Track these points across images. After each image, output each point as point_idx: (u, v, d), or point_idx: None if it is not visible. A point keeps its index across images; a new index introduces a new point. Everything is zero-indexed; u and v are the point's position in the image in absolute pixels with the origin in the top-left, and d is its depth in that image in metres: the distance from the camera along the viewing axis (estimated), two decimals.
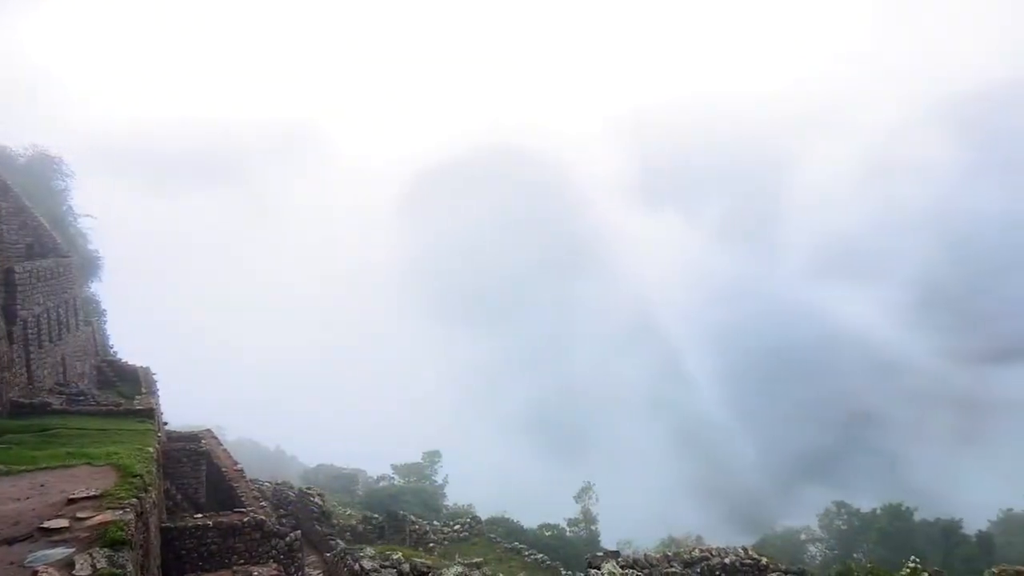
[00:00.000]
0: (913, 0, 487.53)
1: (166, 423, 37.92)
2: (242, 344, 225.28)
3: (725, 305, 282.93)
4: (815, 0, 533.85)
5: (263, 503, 31.70)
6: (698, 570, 30.45)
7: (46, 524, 13.31)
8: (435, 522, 55.24)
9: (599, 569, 28.29)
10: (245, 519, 25.68)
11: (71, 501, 14.97)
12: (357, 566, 30.17)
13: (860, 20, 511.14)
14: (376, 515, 52.22)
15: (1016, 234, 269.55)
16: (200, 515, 26.35)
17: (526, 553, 50.88)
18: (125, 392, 40.15)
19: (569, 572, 45.25)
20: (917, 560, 29.69)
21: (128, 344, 61.13)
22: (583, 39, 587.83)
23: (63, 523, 13.36)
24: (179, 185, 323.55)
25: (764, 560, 32.28)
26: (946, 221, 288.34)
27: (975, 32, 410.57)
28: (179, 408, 65.09)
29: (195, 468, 33.33)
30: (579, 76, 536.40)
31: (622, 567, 28.79)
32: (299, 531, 28.29)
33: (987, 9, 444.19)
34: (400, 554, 31.50)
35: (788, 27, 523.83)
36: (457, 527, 53.33)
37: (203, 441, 37.23)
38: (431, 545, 48.98)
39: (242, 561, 24.47)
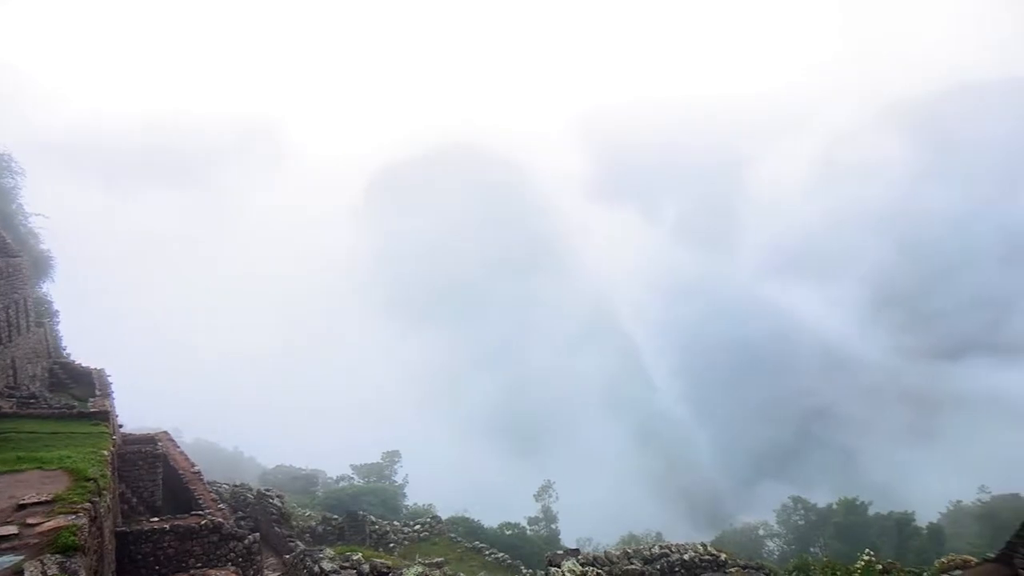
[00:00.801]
0: (868, 8, 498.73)
1: (121, 425, 37.26)
2: (200, 345, 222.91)
3: (683, 303, 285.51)
4: (773, 6, 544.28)
5: (221, 505, 31.32)
6: (658, 567, 30.62)
7: None
8: (395, 522, 54.97)
9: (559, 567, 28.34)
10: (203, 522, 25.35)
11: (21, 507, 14.66)
12: (317, 567, 29.94)
13: (815, 26, 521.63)
14: (336, 516, 51.82)
15: (965, 234, 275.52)
16: (156, 518, 25.95)
17: (487, 552, 50.89)
18: (78, 394, 39.49)
19: (529, 571, 45.22)
20: (872, 553, 30.06)
21: (82, 345, 60.07)
22: (544, 39, 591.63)
23: (12, 530, 13.08)
24: (136, 183, 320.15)
25: (723, 556, 32.57)
26: (899, 221, 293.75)
27: (927, 39, 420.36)
28: (135, 410, 64.13)
29: (151, 471, 32.76)
30: (539, 76, 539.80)
31: (582, 565, 28.86)
32: (258, 533, 27.98)
33: (940, 18, 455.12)
34: (360, 555, 31.28)
35: (745, 32, 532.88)
36: (417, 527, 53.13)
37: (159, 443, 36.66)
38: (391, 545, 48.75)
39: (200, 564, 24.20)
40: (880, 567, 28.45)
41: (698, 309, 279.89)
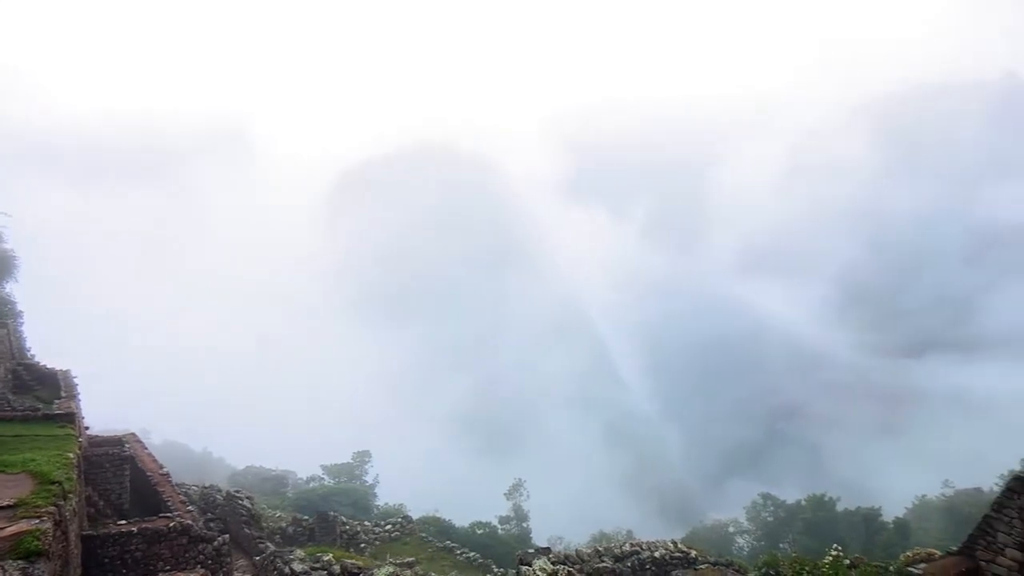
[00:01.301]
0: (837, 12, 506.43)
1: (87, 427, 36.79)
2: (169, 346, 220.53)
3: (653, 302, 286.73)
4: (743, 9, 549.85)
5: (190, 507, 31.05)
6: (628, 564, 30.76)
7: None
8: (366, 522, 54.71)
9: (530, 566, 28.40)
10: (171, 524, 25.09)
11: None
12: (287, 569, 29.82)
13: (784, 29, 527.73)
14: (306, 517, 51.54)
15: (929, 233, 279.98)
16: (124, 522, 25.66)
17: (458, 552, 50.80)
18: (44, 397, 38.91)
19: (501, 570, 45.27)
20: (839, 548, 30.54)
21: (49, 346, 59.16)
22: (515, 39, 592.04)
23: None
24: (104, 181, 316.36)
25: (693, 552, 32.80)
26: (865, 220, 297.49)
27: (895, 42, 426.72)
28: (103, 412, 63.35)
29: (118, 473, 32.36)
30: (510, 76, 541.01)
31: (553, 563, 28.94)
32: (227, 535, 27.75)
33: (908, 22, 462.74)
34: (331, 555, 31.20)
35: (716, 34, 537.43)
36: (388, 527, 52.92)
37: (127, 445, 36.23)
38: (362, 546, 48.56)
39: (168, 567, 23.95)
40: (848, 562, 28.87)
41: (668, 308, 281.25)
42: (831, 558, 28.80)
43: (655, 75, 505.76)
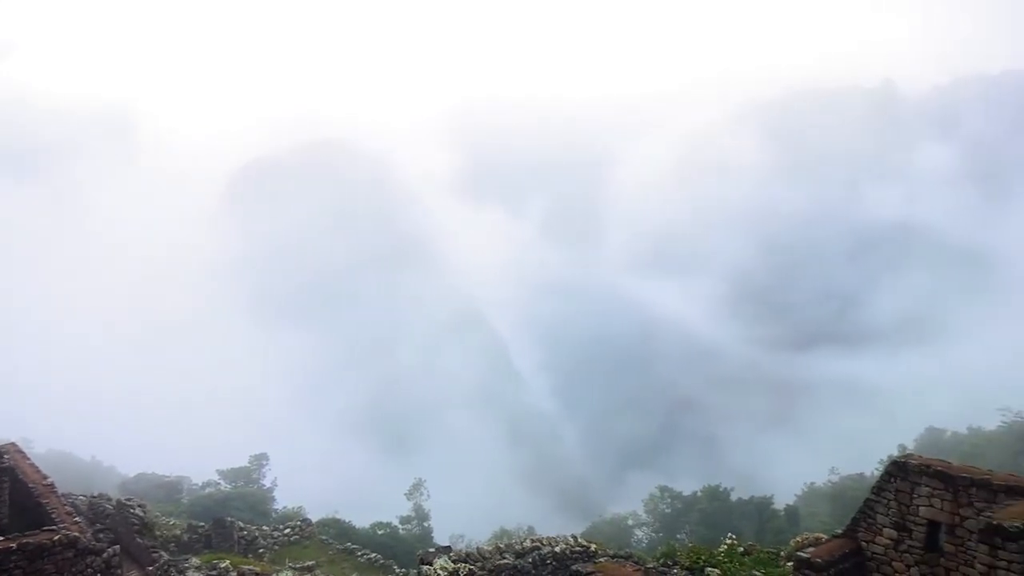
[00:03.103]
0: (724, 14, 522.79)
1: None
2: (50, 350, 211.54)
3: (550, 299, 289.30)
4: (635, 10, 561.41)
5: (77, 519, 29.88)
6: (529, 560, 31.08)
7: None
8: (265, 527, 53.84)
9: (431, 565, 28.44)
10: (56, 538, 24.11)
11: None
12: None
13: (672, 29, 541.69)
14: (202, 523, 50.32)
15: (813, 229, 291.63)
16: (2, 538, 24.54)
17: (359, 553, 50.46)
18: None
19: (403, 570, 45.19)
20: (733, 536, 31.66)
21: None
22: (408, 34, 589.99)
23: None
24: None
25: (593, 546, 33.38)
26: (755, 219, 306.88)
27: (777, 42, 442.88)
28: None
29: None
30: (403, 71, 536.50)
31: (454, 562, 29.06)
32: (118, 546, 26.90)
33: (792, 25, 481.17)
34: (228, 562, 30.64)
35: (609, 34, 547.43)
36: (287, 531, 52.14)
37: (5, 456, 34.66)
38: (261, 551, 47.70)
39: None
40: (742, 549, 29.95)
41: (565, 306, 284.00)
42: (726, 546, 29.86)
43: (548, 74, 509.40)
